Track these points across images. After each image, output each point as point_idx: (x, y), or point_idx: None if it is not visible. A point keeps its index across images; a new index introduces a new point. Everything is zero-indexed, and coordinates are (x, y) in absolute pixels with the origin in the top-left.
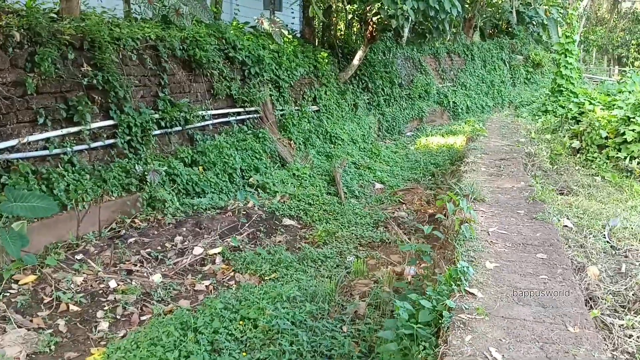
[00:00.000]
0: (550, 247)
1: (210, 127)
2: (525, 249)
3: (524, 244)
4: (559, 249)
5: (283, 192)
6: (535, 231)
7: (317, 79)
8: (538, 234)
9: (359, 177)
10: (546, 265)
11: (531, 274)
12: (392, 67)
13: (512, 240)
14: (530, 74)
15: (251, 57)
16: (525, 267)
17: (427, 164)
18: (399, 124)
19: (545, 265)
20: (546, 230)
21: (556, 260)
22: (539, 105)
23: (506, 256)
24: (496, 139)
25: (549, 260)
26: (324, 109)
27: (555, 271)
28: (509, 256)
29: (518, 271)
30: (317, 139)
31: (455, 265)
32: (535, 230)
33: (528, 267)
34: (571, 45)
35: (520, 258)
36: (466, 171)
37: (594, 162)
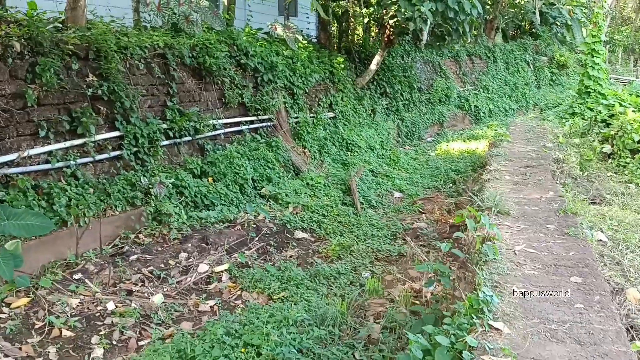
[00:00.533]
0: (585, 269)
1: (221, 137)
2: (557, 271)
3: (555, 264)
4: (594, 270)
5: (296, 203)
6: (568, 249)
7: (333, 85)
8: (571, 253)
9: (377, 186)
10: (582, 292)
11: (565, 303)
12: (411, 71)
13: (542, 261)
14: (555, 75)
15: (264, 64)
16: (558, 293)
17: (448, 170)
18: (418, 130)
19: (580, 291)
20: (580, 248)
21: (592, 285)
22: (565, 107)
23: (536, 280)
24: (521, 144)
25: (585, 285)
26: (340, 116)
27: (592, 298)
28: (539, 280)
29: (550, 299)
30: (333, 147)
31: (476, 292)
32: (567, 248)
33: (561, 293)
34: (598, 45)
35: (552, 282)
36: (489, 180)
37: (626, 168)
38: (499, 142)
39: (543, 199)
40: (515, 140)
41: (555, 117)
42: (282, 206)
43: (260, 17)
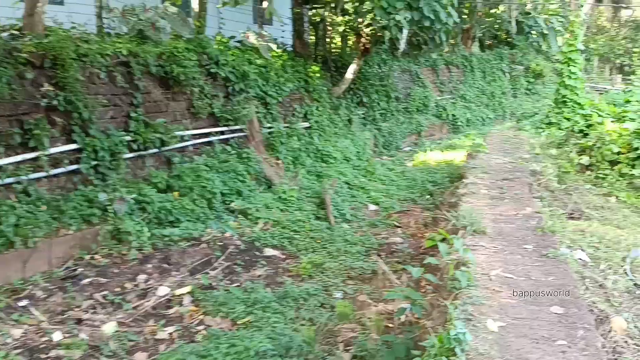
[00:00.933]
0: (566, 297)
1: (190, 149)
2: (536, 300)
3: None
4: (576, 298)
5: (266, 219)
6: (548, 274)
7: (308, 94)
8: (550, 278)
9: (352, 199)
10: (563, 325)
11: (546, 339)
12: (388, 80)
13: (519, 287)
14: (531, 84)
15: (235, 73)
16: (538, 327)
17: (425, 182)
18: (396, 139)
19: (562, 324)
20: (560, 272)
21: (575, 316)
22: (542, 117)
23: (513, 311)
24: (498, 156)
25: (567, 317)
26: (316, 126)
27: (576, 333)
28: (517, 311)
29: (529, 334)
30: (307, 158)
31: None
32: (546, 272)
33: (541, 327)
34: (574, 54)
35: (531, 313)
36: (465, 194)
37: (605, 180)
38: (476, 154)
39: (520, 216)
40: (492, 152)
41: (532, 127)
42: (251, 221)
43: (234, 25)
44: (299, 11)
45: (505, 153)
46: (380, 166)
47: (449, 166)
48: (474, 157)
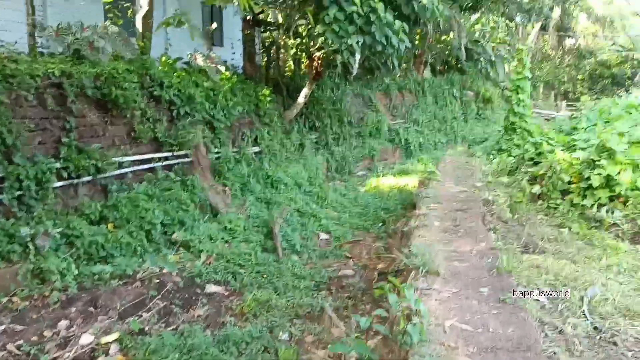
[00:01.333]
0: (528, 353)
1: (129, 176)
2: (496, 357)
3: (493, 347)
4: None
5: (210, 251)
6: (506, 324)
7: (259, 118)
8: (510, 330)
9: (302, 228)
10: None
11: None
12: (341, 104)
13: (477, 342)
14: (481, 109)
15: (181, 96)
16: None
17: (378, 209)
18: (349, 164)
19: None
20: (519, 321)
21: None
22: (492, 143)
23: None
24: (450, 184)
25: None
26: (267, 150)
27: None
28: None
29: None
30: (257, 184)
31: None
32: (505, 322)
33: None
34: (523, 81)
35: None
36: (418, 227)
37: (557, 210)
38: (429, 181)
39: (475, 252)
40: (445, 179)
41: (483, 153)
42: (194, 255)
43: (182, 46)
44: (249, 33)
45: (458, 180)
46: (332, 192)
47: (401, 192)
48: (426, 184)
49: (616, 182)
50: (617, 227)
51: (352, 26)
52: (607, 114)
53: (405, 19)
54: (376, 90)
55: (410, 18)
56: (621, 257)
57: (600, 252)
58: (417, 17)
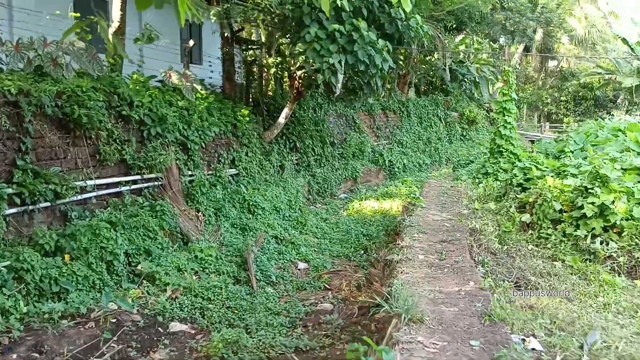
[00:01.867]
0: None
1: (93, 201)
2: None
3: None
4: None
5: (176, 285)
6: None
7: (237, 139)
8: None
9: (279, 256)
10: None
11: None
12: (323, 125)
13: None
14: (465, 130)
15: (152, 116)
16: None
17: (360, 235)
18: (331, 186)
19: None
20: None
21: None
22: (478, 165)
23: None
24: (435, 210)
25: None
26: (244, 172)
27: None
28: None
29: None
30: (233, 209)
31: None
32: None
33: None
34: (509, 103)
35: None
36: (401, 261)
37: (548, 241)
38: (413, 207)
39: (463, 294)
40: (430, 205)
41: (469, 176)
42: (159, 288)
43: (158, 64)
44: (228, 50)
45: (443, 207)
46: (313, 216)
47: (384, 217)
48: (410, 211)
49: (611, 211)
50: (612, 260)
51: (333, 45)
52: (594, 137)
53: (389, 38)
54: (360, 110)
55: (394, 37)
56: (619, 293)
57: (596, 288)
58: (400, 36)
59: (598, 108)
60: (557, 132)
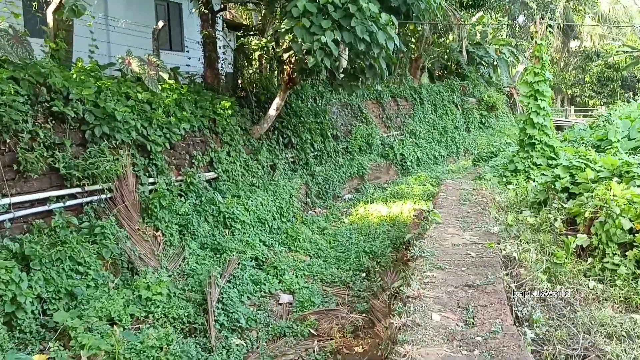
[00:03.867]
0: None
1: (7, 225)
2: None
3: None
4: None
5: (94, 349)
6: None
7: (216, 136)
8: None
9: (255, 287)
10: None
11: None
12: (324, 116)
13: None
14: (484, 117)
15: (95, 112)
16: None
17: (361, 253)
18: (333, 186)
19: None
20: None
21: None
22: (504, 160)
23: None
24: (455, 228)
25: None
26: (225, 176)
27: None
28: None
29: None
30: (204, 224)
31: None
32: None
33: None
34: (542, 84)
35: None
36: (405, 327)
37: (617, 274)
38: (426, 225)
39: None
40: (447, 219)
41: (494, 174)
42: (73, 353)
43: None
44: (209, 34)
45: (465, 221)
46: (307, 227)
47: (393, 225)
48: (422, 225)
49: None
50: None
51: (326, 20)
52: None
53: (395, 12)
54: (367, 98)
55: (401, 10)
56: None
57: None
58: (408, 9)
59: (625, 89)
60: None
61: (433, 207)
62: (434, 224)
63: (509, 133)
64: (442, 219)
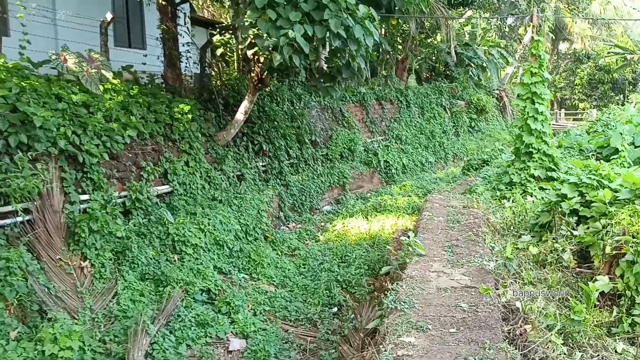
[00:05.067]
0: None
1: None
2: None
3: None
4: None
5: None
6: None
7: (172, 144)
8: None
9: (201, 331)
10: None
11: None
12: (302, 121)
13: None
14: (474, 121)
15: (10, 118)
16: None
17: (333, 282)
18: (310, 197)
19: None
20: None
21: None
22: (496, 169)
23: None
24: (441, 263)
25: None
26: (182, 190)
27: None
28: None
29: None
30: (148, 249)
31: None
32: None
33: None
34: (541, 86)
35: None
36: None
37: None
38: (407, 257)
39: None
40: (432, 251)
41: (486, 187)
42: None
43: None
44: (167, 29)
45: (454, 254)
46: (276, 247)
47: (373, 244)
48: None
49: None
50: None
51: (295, 12)
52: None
53: (374, 4)
54: (350, 101)
55: (381, 3)
56: None
57: None
58: (390, 2)
59: (615, 92)
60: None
61: (415, 234)
62: (416, 256)
63: (499, 137)
64: (425, 250)
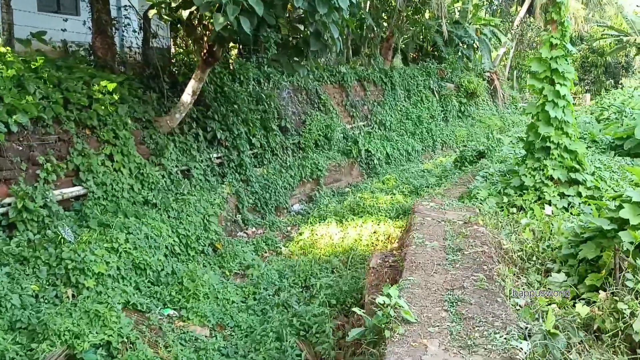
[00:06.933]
0: None
1: None
2: None
3: None
4: None
5: None
6: None
7: (90, 132)
8: None
9: None
10: None
11: None
12: (269, 103)
13: None
14: (464, 105)
15: None
16: None
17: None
18: (277, 195)
19: None
20: None
21: None
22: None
23: None
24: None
25: None
26: (101, 193)
27: None
28: None
29: None
30: (27, 282)
31: None
32: None
33: None
34: (562, 62)
35: None
36: None
37: None
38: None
39: None
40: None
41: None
42: None
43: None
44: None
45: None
46: (221, 266)
47: (347, 262)
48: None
49: None
50: None
51: None
52: None
53: None
54: (327, 82)
55: None
56: None
57: None
58: None
59: (607, 76)
60: None
61: (399, 291)
62: (402, 324)
63: (489, 123)
64: (416, 311)
